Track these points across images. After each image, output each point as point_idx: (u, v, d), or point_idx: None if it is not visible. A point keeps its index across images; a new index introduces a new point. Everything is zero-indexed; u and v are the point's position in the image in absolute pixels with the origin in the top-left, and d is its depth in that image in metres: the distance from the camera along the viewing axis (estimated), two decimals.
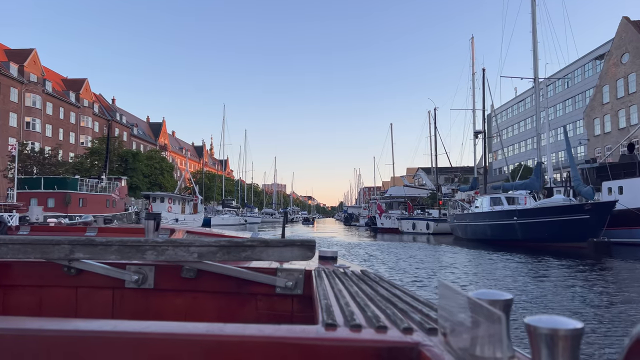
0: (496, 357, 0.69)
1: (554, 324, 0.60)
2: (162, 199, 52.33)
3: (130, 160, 55.47)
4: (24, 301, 2.23)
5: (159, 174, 64.37)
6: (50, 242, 1.79)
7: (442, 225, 39.57)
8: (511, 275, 13.80)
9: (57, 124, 69.43)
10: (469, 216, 30.01)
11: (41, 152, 44.69)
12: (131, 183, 55.29)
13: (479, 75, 36.59)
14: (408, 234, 41.60)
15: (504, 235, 25.18)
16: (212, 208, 74.53)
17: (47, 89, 67.03)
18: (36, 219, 26.82)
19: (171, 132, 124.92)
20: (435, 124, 47.52)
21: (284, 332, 0.94)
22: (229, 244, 1.78)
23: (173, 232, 3.74)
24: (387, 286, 1.58)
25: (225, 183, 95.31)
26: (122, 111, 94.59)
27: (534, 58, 27.28)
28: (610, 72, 49.26)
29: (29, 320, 1.00)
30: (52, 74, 75.32)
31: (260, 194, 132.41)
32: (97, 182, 39.23)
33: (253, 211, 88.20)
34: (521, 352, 0.81)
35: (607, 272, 15.33)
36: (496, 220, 25.91)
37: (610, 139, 48.86)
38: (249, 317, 2.07)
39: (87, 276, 2.14)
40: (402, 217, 43.98)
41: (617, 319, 8.07)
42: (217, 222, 58.94)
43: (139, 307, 2.15)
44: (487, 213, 27.11)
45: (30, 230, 4.21)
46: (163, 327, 0.95)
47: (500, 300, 0.74)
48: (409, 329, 0.97)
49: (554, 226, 21.98)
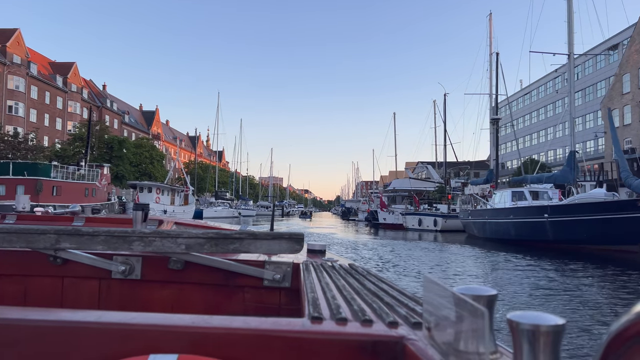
0: (479, 351, 0.69)
1: (536, 319, 0.61)
2: (149, 189, 49.34)
3: (116, 147, 51.99)
4: (8, 291, 2.18)
5: (148, 163, 61.49)
6: (35, 231, 1.80)
7: (452, 222, 36.36)
8: (554, 291, 10.64)
9: (43, 109, 66.15)
10: (488, 212, 26.67)
11: (15, 136, 41.10)
12: (117, 172, 51.98)
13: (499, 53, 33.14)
14: (413, 230, 38.30)
15: (531, 235, 21.90)
16: (204, 200, 71.96)
17: (31, 71, 63.65)
18: (22, 208, 23.90)
19: (165, 121, 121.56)
20: (445, 111, 44.10)
21: (269, 325, 0.95)
22: (216, 235, 1.80)
23: (161, 224, 3.58)
24: (374, 280, 1.58)
25: (220, 174, 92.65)
26: (113, 98, 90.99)
27: (568, 30, 24.02)
28: (632, 59, 45.95)
29: (13, 310, 0.99)
30: (38, 57, 71.61)
31: (256, 186, 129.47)
32: (75, 170, 35.81)
33: (248, 204, 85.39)
34: (504, 347, 0.81)
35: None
36: (522, 217, 22.61)
37: (631, 132, 45.67)
38: (236, 310, 2.04)
39: (73, 266, 2.11)
40: (407, 213, 40.48)
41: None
42: (209, 215, 56.58)
43: (126, 298, 2.12)
44: (511, 209, 23.78)
45: (17, 219, 3.93)
46: (148, 318, 0.96)
47: (484, 296, 0.75)
48: (394, 323, 0.98)
49: (596, 226, 18.72)
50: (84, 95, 77.16)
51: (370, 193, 69.10)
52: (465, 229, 32.32)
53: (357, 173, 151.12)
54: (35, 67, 65.10)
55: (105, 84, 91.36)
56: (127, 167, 53.98)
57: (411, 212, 40.44)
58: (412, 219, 39.33)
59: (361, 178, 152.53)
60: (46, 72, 70.13)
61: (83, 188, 35.71)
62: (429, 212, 38.82)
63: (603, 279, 12.73)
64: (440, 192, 44.27)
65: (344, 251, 19.63)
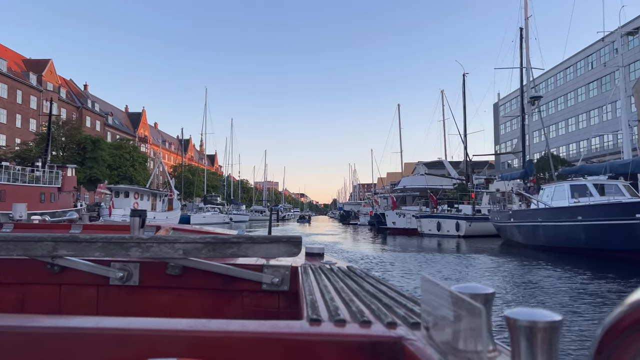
0: (477, 350, 0.70)
1: (533, 316, 0.61)
2: (126, 194, 43.93)
3: (89, 148, 46.16)
4: (6, 299, 2.16)
5: (129, 166, 55.92)
6: (32, 239, 1.79)
7: (477, 225, 30.75)
8: None
9: (14, 109, 60.58)
10: (542, 213, 20.86)
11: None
12: (90, 174, 46.16)
13: (531, 21, 27.48)
14: (430, 236, 32.58)
15: (616, 242, 16.23)
16: (193, 205, 66.66)
17: (1, 68, 57.85)
18: (20, 217, 19.40)
19: (153, 124, 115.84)
20: (464, 93, 38.42)
21: (268, 328, 0.95)
22: (214, 240, 1.78)
23: (159, 229, 3.60)
24: (373, 282, 1.58)
25: (211, 178, 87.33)
26: (95, 98, 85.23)
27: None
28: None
29: (10, 318, 1.00)
30: (9, 53, 65.84)
31: (249, 190, 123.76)
32: (30, 171, 30.04)
33: (240, 208, 79.82)
34: (502, 345, 0.82)
35: None
36: (598, 219, 16.95)
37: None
38: (235, 314, 2.04)
39: (70, 273, 2.09)
40: (423, 215, 34.46)
41: None
42: (197, 221, 51.83)
43: (124, 304, 2.09)
44: (579, 208, 18.02)
45: (14, 227, 3.94)
46: (146, 323, 0.96)
47: (481, 294, 0.75)
48: (393, 324, 0.98)
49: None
50: (62, 95, 71.44)
51: (374, 194, 63.32)
52: (500, 233, 26.62)
53: (355, 175, 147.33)
54: (4, 63, 59.48)
55: (87, 83, 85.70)
56: (103, 169, 48.14)
57: (427, 214, 34.68)
58: (428, 223, 33.46)
59: (358, 180, 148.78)
60: (18, 69, 64.45)
61: (38, 192, 29.95)
62: (449, 214, 33.08)
63: None
64: (461, 190, 38.26)
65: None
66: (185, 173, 77.69)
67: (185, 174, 77.10)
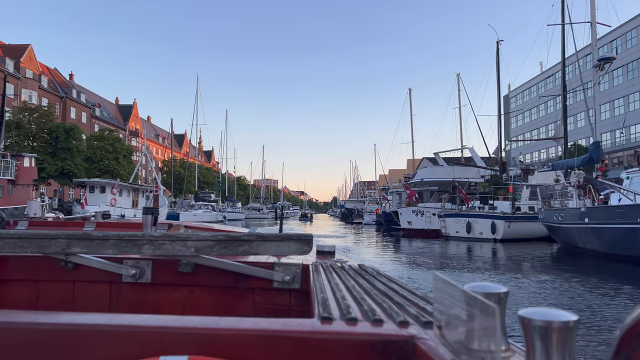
0: (490, 349, 0.69)
1: (548, 316, 0.60)
2: (102, 188, 38.68)
3: (62, 137, 40.57)
4: (21, 295, 2.19)
5: (112, 159, 50.46)
6: (46, 236, 1.80)
7: (518, 226, 25.29)
8: None
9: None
10: (636, 211, 15.10)
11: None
12: (62, 167, 40.61)
13: None
14: (458, 239, 27.09)
15: None
16: (183, 202, 61.38)
17: None
18: (34, 214, 14.43)
19: (146, 117, 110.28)
20: (498, 63, 32.73)
21: (279, 326, 0.96)
22: (226, 238, 1.79)
23: (171, 227, 3.65)
24: (384, 280, 1.57)
25: (204, 173, 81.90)
26: (81, 88, 79.62)
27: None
28: None
29: (25, 314, 1.02)
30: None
31: (247, 187, 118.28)
32: None
33: (235, 206, 74.35)
34: (516, 345, 0.82)
35: None
36: None
37: None
38: (246, 312, 2.04)
39: (84, 270, 2.10)
40: (448, 214, 28.77)
41: None
42: (186, 219, 45.66)
43: (136, 301, 2.11)
44: None
45: (29, 225, 4.06)
46: (158, 320, 0.97)
47: (495, 294, 0.75)
48: (405, 323, 0.98)
49: None
50: (42, 84, 65.86)
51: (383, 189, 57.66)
52: (556, 237, 21.15)
53: (356, 172, 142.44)
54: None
55: (73, 73, 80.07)
56: (78, 161, 42.58)
57: (453, 212, 28.92)
58: (455, 223, 27.81)
59: (360, 178, 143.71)
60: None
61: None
62: (482, 212, 27.58)
63: None
64: (495, 184, 32.09)
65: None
66: (177, 168, 72.34)
67: (177, 169, 71.79)
